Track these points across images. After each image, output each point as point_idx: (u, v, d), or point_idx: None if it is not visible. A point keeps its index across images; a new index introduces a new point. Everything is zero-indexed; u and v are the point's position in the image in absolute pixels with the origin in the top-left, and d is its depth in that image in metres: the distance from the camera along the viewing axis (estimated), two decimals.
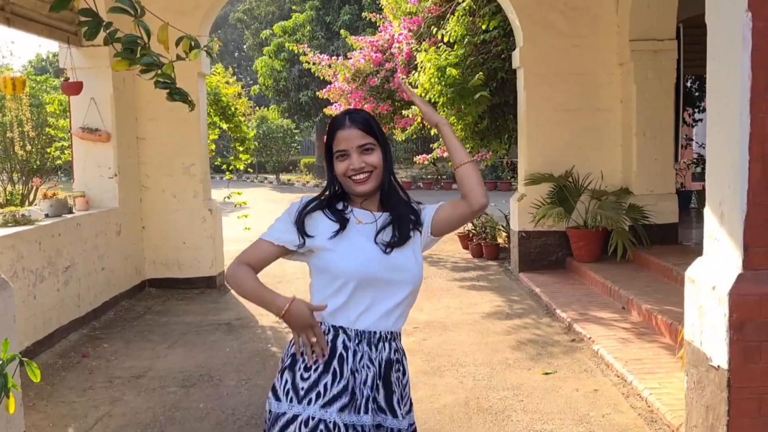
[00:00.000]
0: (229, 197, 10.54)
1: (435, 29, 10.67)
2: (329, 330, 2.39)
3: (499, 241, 11.13)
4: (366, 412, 2.35)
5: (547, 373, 5.69)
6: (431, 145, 13.42)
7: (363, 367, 2.37)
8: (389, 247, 2.40)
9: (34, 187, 9.46)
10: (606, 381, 5.48)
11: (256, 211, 14.10)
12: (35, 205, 7.98)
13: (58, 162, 12.41)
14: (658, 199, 8.95)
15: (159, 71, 3.12)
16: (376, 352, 2.39)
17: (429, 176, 28.53)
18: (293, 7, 30.39)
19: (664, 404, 4.79)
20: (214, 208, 9.26)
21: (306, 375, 2.36)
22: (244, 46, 40.68)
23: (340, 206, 2.48)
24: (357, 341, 2.39)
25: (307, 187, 30.62)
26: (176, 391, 5.53)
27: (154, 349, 6.67)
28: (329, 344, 2.38)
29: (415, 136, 13.19)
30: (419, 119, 11.31)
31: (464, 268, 10.38)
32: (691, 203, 12.56)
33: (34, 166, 13.47)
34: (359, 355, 2.38)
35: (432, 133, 11.68)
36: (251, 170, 31.63)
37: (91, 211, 7.94)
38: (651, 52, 8.76)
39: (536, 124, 9.20)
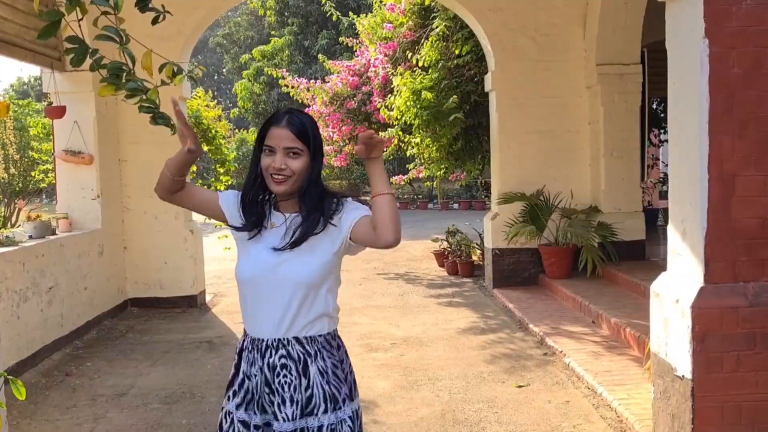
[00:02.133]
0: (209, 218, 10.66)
1: (410, 54, 10.94)
2: (244, 333, 2.58)
3: (474, 258, 11.35)
4: (256, 413, 2.50)
5: (520, 386, 5.87)
6: (407, 166, 13.64)
7: (257, 371, 2.49)
8: (283, 249, 2.45)
9: (18, 209, 9.52)
10: (577, 393, 5.68)
11: None
12: (18, 226, 8.07)
13: (42, 185, 12.48)
14: (626, 217, 9.23)
15: (143, 96, 3.29)
16: (263, 359, 2.48)
17: (405, 196, 28.77)
18: (272, 32, 30.65)
19: (633, 414, 4.98)
20: (194, 229, 9.39)
21: (230, 376, 2.59)
22: (224, 70, 40.85)
23: (265, 206, 2.55)
24: (250, 348, 2.51)
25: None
26: (159, 408, 5.64)
27: (137, 367, 6.77)
28: (239, 350, 2.57)
29: (392, 157, 13.41)
30: (396, 141, 11.55)
31: (440, 285, 10.58)
32: (658, 221, 12.86)
33: (17, 189, 13.50)
34: (251, 361, 2.51)
35: (408, 155, 11.91)
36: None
37: (74, 232, 8.05)
38: (617, 76, 9.07)
39: (508, 145, 9.46)
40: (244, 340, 2.56)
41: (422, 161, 11.78)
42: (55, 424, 5.37)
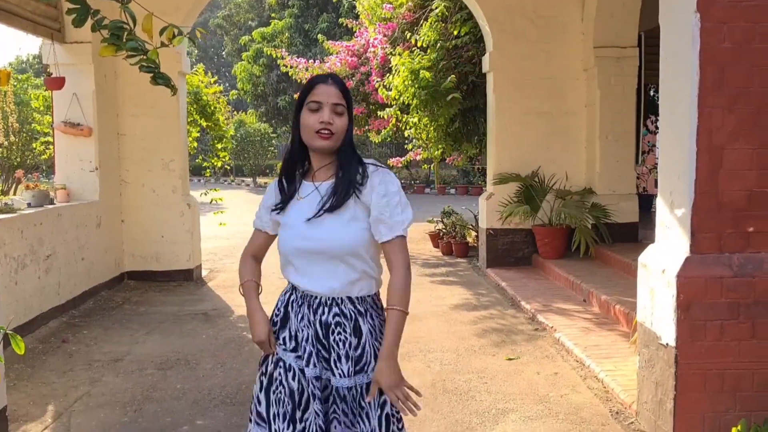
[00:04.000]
0: (206, 193, 10.76)
1: (409, 34, 10.98)
2: (289, 287, 2.63)
3: (469, 240, 11.43)
4: (307, 365, 2.52)
5: (510, 359, 5.97)
6: (406, 146, 13.70)
7: (304, 326, 2.54)
8: (317, 215, 2.50)
9: (16, 181, 9.59)
10: (566, 365, 5.78)
11: (233, 211, 14.34)
12: (15, 194, 8.14)
13: (43, 157, 12.53)
14: (620, 199, 9.32)
15: (143, 56, 3.36)
16: (315, 315, 2.52)
17: (403, 180, 28.82)
18: (272, 15, 30.62)
19: (619, 384, 5.08)
20: (192, 203, 9.46)
21: (275, 329, 2.63)
22: (223, 52, 40.80)
23: (296, 177, 2.64)
24: (300, 303, 2.57)
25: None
26: (154, 374, 5.74)
27: (133, 336, 6.86)
28: (286, 301, 2.62)
29: (389, 139, 13.47)
30: (393, 121, 11.61)
31: (434, 265, 10.67)
32: (652, 206, 12.92)
33: (15, 163, 13.56)
34: (300, 316, 2.56)
35: (406, 135, 11.97)
36: (229, 173, 31.69)
37: (72, 203, 8.11)
38: (614, 59, 9.13)
39: (505, 126, 9.53)
40: (289, 293, 2.62)
41: (420, 142, 11.85)
42: (52, 387, 5.47)
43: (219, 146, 10.79)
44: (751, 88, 4.10)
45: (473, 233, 11.59)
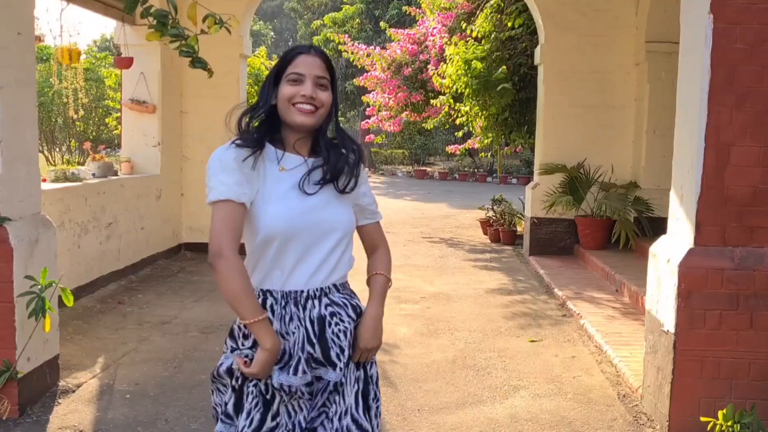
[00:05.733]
0: None
1: (465, 25, 11.21)
2: (259, 294, 2.25)
3: (519, 228, 11.61)
4: (296, 373, 2.22)
5: (533, 341, 6.21)
6: (455, 134, 13.92)
7: (295, 328, 2.24)
8: (318, 184, 2.27)
9: (88, 155, 10.22)
10: (584, 350, 5.99)
11: None
12: (85, 166, 8.73)
13: (115, 132, 13.19)
14: (664, 194, 9.28)
15: (183, 42, 3.75)
16: (304, 312, 2.25)
17: (465, 168, 28.96)
18: (344, 0, 31.05)
19: (631, 370, 5.28)
20: None
21: (245, 342, 2.26)
22: (297, 35, 41.48)
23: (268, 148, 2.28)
24: (284, 303, 2.25)
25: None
26: (197, 336, 6.19)
27: (182, 302, 7.34)
28: (265, 305, 2.26)
29: (447, 126, 13.74)
30: (446, 109, 11.86)
31: (480, 251, 10.91)
32: None
33: (91, 137, 14.34)
34: (287, 317, 2.24)
35: (458, 123, 12.21)
36: None
37: (135, 175, 8.66)
38: (665, 54, 9.16)
39: (553, 117, 9.69)
40: (264, 299, 2.25)
41: (471, 129, 12.08)
42: (104, 342, 5.97)
43: None
44: (760, 88, 4.23)
45: (524, 222, 11.77)
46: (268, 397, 2.25)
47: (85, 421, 4.38)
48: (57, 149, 16.61)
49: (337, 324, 2.28)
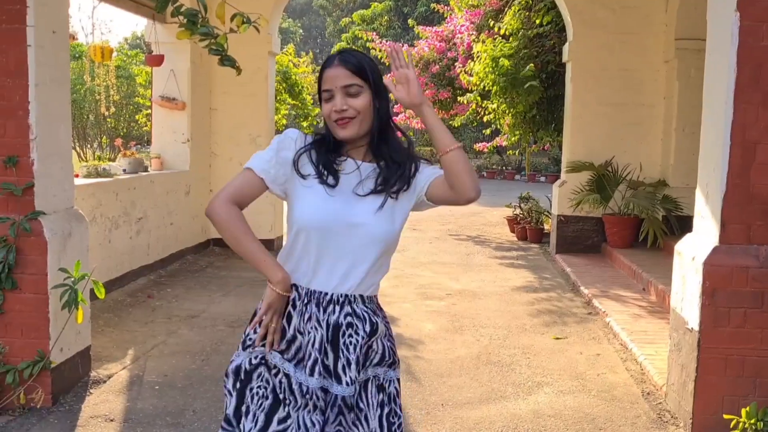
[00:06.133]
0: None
1: (493, 22, 11.21)
2: (294, 286, 2.29)
3: (546, 226, 11.60)
4: (311, 375, 2.23)
5: (557, 338, 6.22)
6: (483, 131, 13.92)
7: (312, 328, 2.24)
8: (371, 194, 2.25)
9: (119, 151, 10.41)
10: (609, 348, 5.99)
11: None
12: (115, 161, 8.88)
13: (145, 128, 13.38)
14: (693, 192, 9.13)
15: (213, 40, 3.83)
16: (324, 314, 2.24)
17: (494, 166, 28.89)
18: None
19: (655, 368, 5.27)
20: None
21: (258, 330, 2.31)
22: (326, 33, 41.64)
23: (329, 148, 2.31)
24: (306, 300, 2.26)
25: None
26: (224, 330, 6.28)
27: (210, 296, 7.44)
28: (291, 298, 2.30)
29: (475, 123, 13.74)
30: (474, 106, 11.87)
31: (507, 249, 10.92)
32: None
33: (121, 133, 14.57)
34: (306, 315, 2.25)
35: (485, 120, 12.22)
36: None
37: (164, 171, 8.79)
38: (695, 51, 9.07)
39: (581, 115, 9.67)
40: (294, 289, 2.29)
41: (498, 127, 12.09)
42: (134, 334, 6.09)
43: (305, 124, 11.32)
44: None
45: (551, 220, 11.76)
46: (279, 395, 2.27)
47: (116, 411, 4.49)
48: (88, 145, 16.89)
49: (350, 336, 2.24)
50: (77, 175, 6.93)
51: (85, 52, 11.85)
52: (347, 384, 2.22)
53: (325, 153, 2.28)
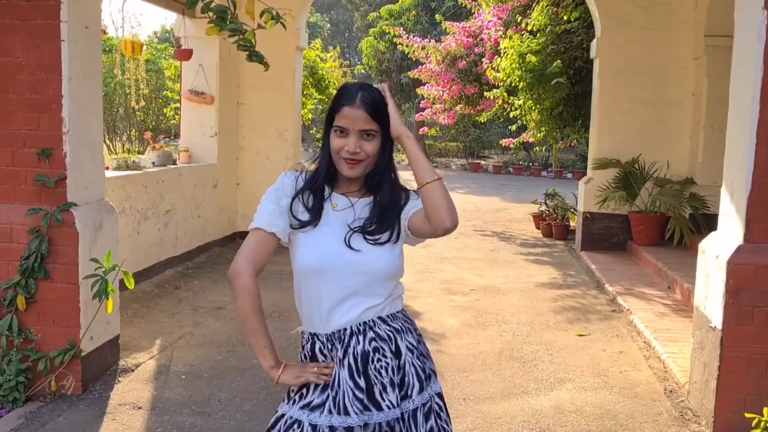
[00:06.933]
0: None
1: (520, 18, 11.18)
2: (308, 338, 2.33)
3: (571, 223, 11.57)
4: (347, 413, 2.19)
5: (581, 335, 6.24)
6: (510, 127, 13.91)
7: (340, 368, 2.23)
8: (364, 233, 2.25)
9: (146, 143, 10.57)
10: (633, 345, 6.00)
11: None
12: (144, 154, 9.01)
13: (173, 122, 13.53)
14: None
15: (241, 36, 3.89)
16: (345, 351, 2.23)
17: (520, 162, 28.78)
18: None
19: (678, 366, 5.27)
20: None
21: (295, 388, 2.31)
22: (354, 27, 41.66)
23: (322, 190, 2.31)
24: (330, 346, 2.26)
25: (401, 165, 31.50)
26: None
27: None
28: (311, 352, 2.30)
29: (502, 119, 13.73)
30: (500, 102, 11.86)
31: (532, 245, 10.91)
32: None
33: (150, 127, 14.74)
34: (330, 358, 2.26)
35: (511, 116, 12.20)
36: None
37: (192, 164, 8.90)
38: (725, 48, 8.92)
39: (608, 112, 9.63)
40: (312, 343, 2.31)
41: (525, 123, 12.08)
42: (162, 325, 6.19)
43: None
44: None
45: (576, 217, 11.73)
46: None
47: (143, 399, 4.59)
48: (117, 138, 17.11)
49: (379, 360, 2.23)
50: (107, 168, 7.05)
51: (115, 45, 11.99)
52: (389, 407, 2.20)
53: (321, 194, 2.29)
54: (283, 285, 7.72)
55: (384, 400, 2.19)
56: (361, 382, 2.20)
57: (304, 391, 2.24)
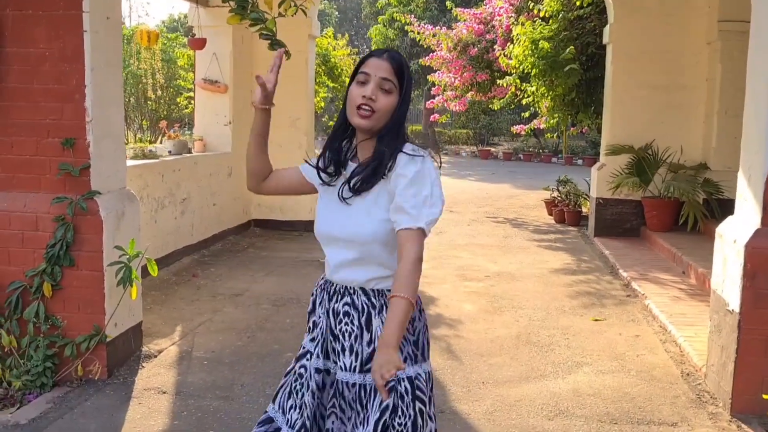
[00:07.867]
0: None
1: (532, 4, 11.18)
2: (322, 275, 2.55)
3: (584, 209, 11.59)
4: (318, 357, 2.44)
5: (596, 320, 6.28)
6: (521, 114, 13.92)
7: (322, 314, 2.45)
8: (351, 192, 2.35)
9: (161, 133, 10.65)
10: (648, 329, 6.03)
11: None
12: (160, 143, 9.07)
13: (186, 111, 13.60)
14: (735, 176, 9.09)
15: (263, 25, 3.93)
16: (329, 303, 2.42)
17: (530, 149, 28.74)
18: None
19: (695, 349, 5.31)
20: None
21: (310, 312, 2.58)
22: (362, 15, 41.57)
23: (345, 148, 2.46)
24: (320, 290, 2.50)
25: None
26: (268, 308, 6.43)
27: (253, 276, 7.61)
28: (317, 287, 2.54)
29: (513, 106, 13.74)
30: (513, 89, 11.87)
31: (545, 231, 10.94)
32: None
33: (162, 116, 14.80)
34: (321, 301, 2.48)
35: (524, 103, 12.20)
36: None
37: (207, 153, 8.96)
38: (739, 33, 8.96)
39: (621, 98, 9.63)
40: (321, 279, 2.55)
41: (537, 110, 12.09)
42: (181, 312, 6.27)
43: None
44: None
45: (588, 203, 11.74)
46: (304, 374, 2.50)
47: (167, 384, 4.66)
48: (128, 128, 17.17)
49: (346, 324, 2.38)
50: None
51: (126, 35, 12.06)
52: (342, 369, 2.37)
53: (338, 148, 2.46)
54: (302, 272, 7.82)
55: (339, 360, 2.38)
56: (331, 336, 2.42)
57: (310, 325, 2.53)
